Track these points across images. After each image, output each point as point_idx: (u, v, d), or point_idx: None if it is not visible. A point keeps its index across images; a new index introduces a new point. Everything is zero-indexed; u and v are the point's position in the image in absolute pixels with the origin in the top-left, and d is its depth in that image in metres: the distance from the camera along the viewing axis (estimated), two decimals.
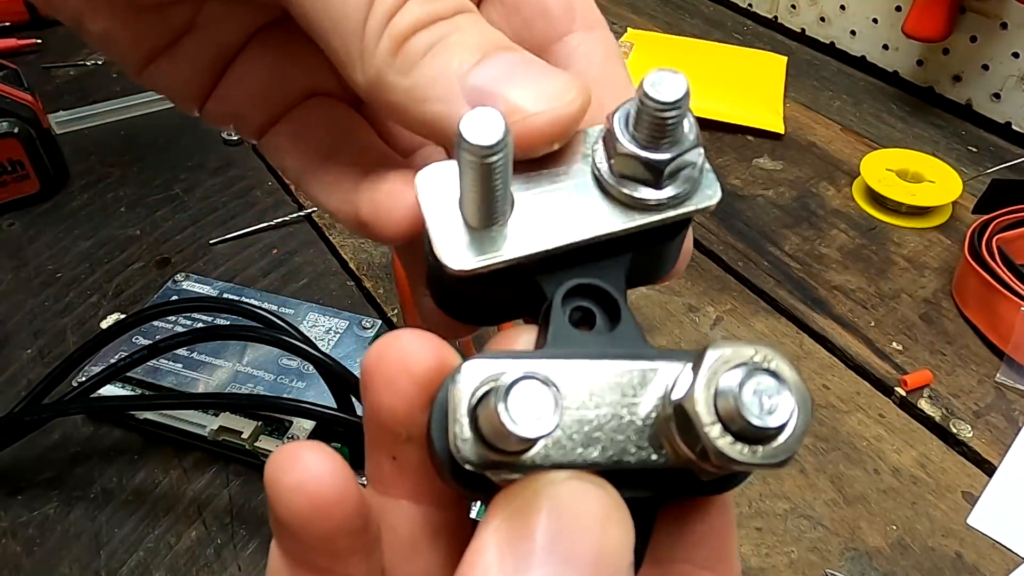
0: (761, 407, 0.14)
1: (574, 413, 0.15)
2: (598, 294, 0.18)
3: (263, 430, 0.43)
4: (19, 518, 0.42)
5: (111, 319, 0.53)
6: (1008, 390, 0.50)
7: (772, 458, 0.14)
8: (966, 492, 0.44)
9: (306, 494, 0.15)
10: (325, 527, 0.15)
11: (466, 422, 0.14)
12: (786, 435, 0.14)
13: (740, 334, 0.54)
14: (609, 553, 0.14)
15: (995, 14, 0.72)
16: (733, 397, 0.14)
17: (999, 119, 0.75)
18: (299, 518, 0.15)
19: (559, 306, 0.17)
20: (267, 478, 0.15)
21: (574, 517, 0.14)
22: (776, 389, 0.14)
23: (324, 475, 0.15)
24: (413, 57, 0.18)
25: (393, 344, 0.17)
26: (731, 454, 0.14)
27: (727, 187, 0.68)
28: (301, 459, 0.15)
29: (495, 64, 0.18)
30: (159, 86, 0.23)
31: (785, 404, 0.14)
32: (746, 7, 0.96)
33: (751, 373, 0.14)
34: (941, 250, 0.61)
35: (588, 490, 0.14)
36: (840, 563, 0.41)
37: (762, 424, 0.13)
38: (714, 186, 0.18)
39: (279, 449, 0.16)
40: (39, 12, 0.90)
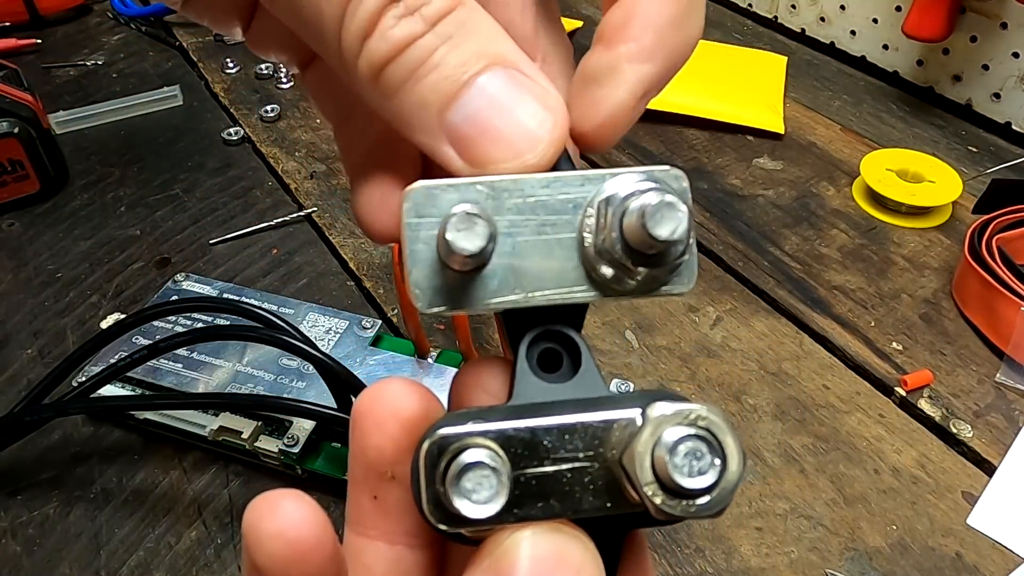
0: (691, 469, 0.15)
1: (533, 470, 0.16)
2: (562, 338, 0.19)
3: (263, 430, 0.44)
4: (19, 518, 0.42)
5: (111, 319, 0.53)
6: (1008, 390, 0.50)
7: (704, 511, 0.15)
8: (966, 492, 0.44)
9: (286, 541, 0.16)
10: (303, 572, 0.16)
11: (436, 488, 0.16)
12: (714, 495, 0.15)
13: (740, 334, 0.54)
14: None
15: (995, 14, 0.72)
16: (666, 461, 0.15)
17: (999, 119, 0.75)
18: (279, 564, 0.16)
19: (524, 355, 0.18)
20: (246, 525, 0.16)
21: (551, 570, 0.15)
22: (707, 452, 0.15)
23: (303, 522, 0.16)
24: (393, 85, 0.18)
25: (385, 390, 0.18)
26: (666, 509, 0.15)
27: (727, 187, 0.68)
28: (281, 506, 0.16)
29: (476, 96, 0.17)
30: (201, 11, 0.23)
31: (714, 467, 0.15)
32: (746, 7, 0.96)
33: (687, 437, 0.15)
34: (941, 250, 0.61)
35: (566, 543, 0.15)
36: (840, 563, 0.41)
37: (690, 486, 0.15)
38: (692, 276, 0.18)
39: (258, 497, 0.16)
40: None
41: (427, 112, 0.18)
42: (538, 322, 0.19)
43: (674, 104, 0.75)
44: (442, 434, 0.16)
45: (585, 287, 0.18)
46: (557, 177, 0.18)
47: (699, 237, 0.63)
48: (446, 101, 0.17)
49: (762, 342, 0.54)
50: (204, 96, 0.80)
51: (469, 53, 0.17)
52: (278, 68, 0.82)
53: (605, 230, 0.17)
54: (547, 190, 0.17)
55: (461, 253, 0.16)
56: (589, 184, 0.18)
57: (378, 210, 0.21)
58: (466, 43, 0.17)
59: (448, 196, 0.17)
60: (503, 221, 0.17)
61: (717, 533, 0.42)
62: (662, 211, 0.16)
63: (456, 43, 0.17)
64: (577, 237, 0.18)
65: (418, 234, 0.17)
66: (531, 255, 0.18)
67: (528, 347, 0.18)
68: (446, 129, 0.18)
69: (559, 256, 0.18)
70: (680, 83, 0.78)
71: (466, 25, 0.18)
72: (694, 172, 0.69)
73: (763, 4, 0.94)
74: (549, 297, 0.18)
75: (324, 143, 0.73)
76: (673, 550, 0.42)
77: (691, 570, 0.41)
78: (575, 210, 0.18)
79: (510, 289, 0.17)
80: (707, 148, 0.73)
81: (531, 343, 0.19)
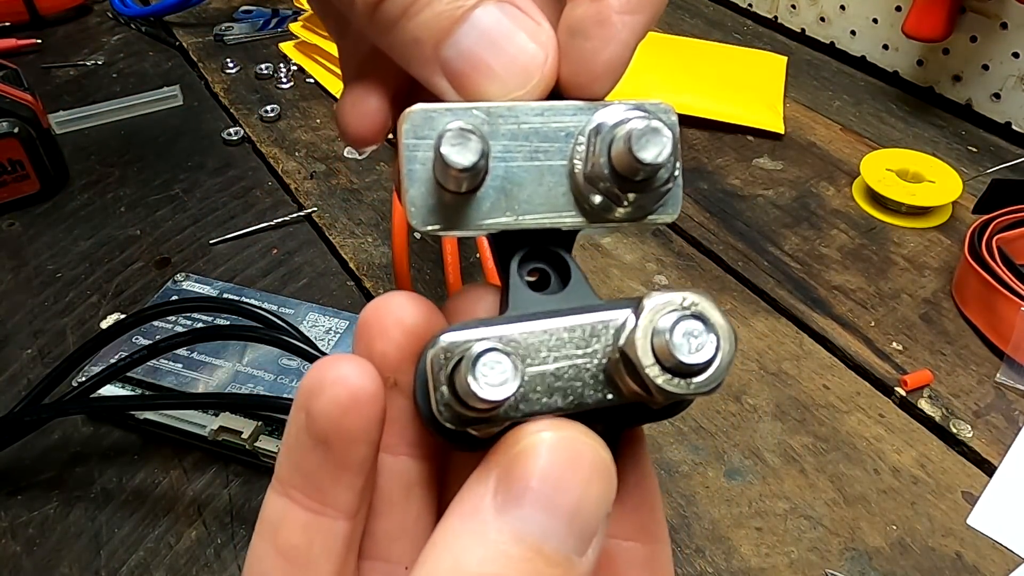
0: (690, 347, 0.16)
1: (536, 368, 0.17)
2: (550, 256, 0.20)
3: (263, 430, 0.43)
4: (19, 518, 0.42)
5: (111, 319, 0.53)
6: (1008, 390, 0.50)
7: (704, 387, 0.16)
8: (966, 492, 0.44)
9: (347, 387, 0.17)
10: (357, 423, 0.17)
11: (445, 388, 0.16)
12: (713, 368, 0.16)
13: (740, 334, 0.54)
14: (589, 507, 0.16)
15: (995, 14, 0.72)
16: (666, 340, 0.16)
17: (999, 119, 0.75)
18: (337, 409, 0.17)
19: (515, 271, 0.19)
20: (308, 377, 0.17)
21: (567, 469, 0.16)
22: (703, 330, 0.16)
23: (365, 375, 0.17)
24: (388, 20, 0.18)
25: (389, 300, 0.19)
26: (668, 387, 0.16)
27: (727, 187, 0.68)
28: (342, 362, 0.17)
29: (469, 31, 0.18)
30: None
31: (710, 342, 0.16)
32: (746, 7, 0.96)
33: (681, 318, 0.16)
34: (941, 250, 0.61)
35: (584, 443, 0.16)
36: (840, 563, 0.41)
37: (691, 361, 0.16)
38: (676, 205, 0.19)
39: (317, 362, 0.18)
40: None
41: (422, 47, 0.18)
42: (528, 244, 0.19)
43: (674, 104, 0.75)
44: (449, 338, 0.17)
45: (574, 213, 0.19)
46: (551, 106, 0.18)
47: (699, 237, 0.63)
48: (441, 36, 0.18)
49: (762, 342, 0.54)
50: (204, 96, 0.80)
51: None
52: (278, 68, 0.82)
53: (594, 157, 0.18)
54: (540, 118, 0.18)
55: (455, 167, 0.16)
56: (581, 114, 0.18)
57: (353, 111, 0.21)
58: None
59: (445, 119, 0.17)
60: (497, 146, 0.18)
61: (717, 533, 0.42)
62: (648, 135, 0.17)
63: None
64: (568, 165, 0.18)
65: (416, 154, 0.18)
66: (523, 180, 0.18)
67: (519, 264, 0.19)
68: (441, 63, 0.18)
69: (550, 182, 0.18)
70: (680, 83, 0.78)
71: None
72: (694, 172, 0.69)
73: (763, 4, 0.94)
74: (539, 221, 0.18)
75: (324, 143, 0.73)
76: (673, 550, 0.42)
77: (691, 570, 0.41)
78: (567, 139, 0.18)
79: (501, 211, 0.18)
80: (707, 148, 0.73)
81: (521, 261, 0.19)
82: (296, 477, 0.18)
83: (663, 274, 0.59)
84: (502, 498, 0.15)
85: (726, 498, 0.44)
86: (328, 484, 0.18)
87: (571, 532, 0.15)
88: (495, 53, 0.18)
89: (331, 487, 0.18)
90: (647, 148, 0.17)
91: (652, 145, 0.17)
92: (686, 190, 0.67)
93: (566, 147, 0.18)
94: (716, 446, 0.47)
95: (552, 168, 0.18)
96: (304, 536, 0.18)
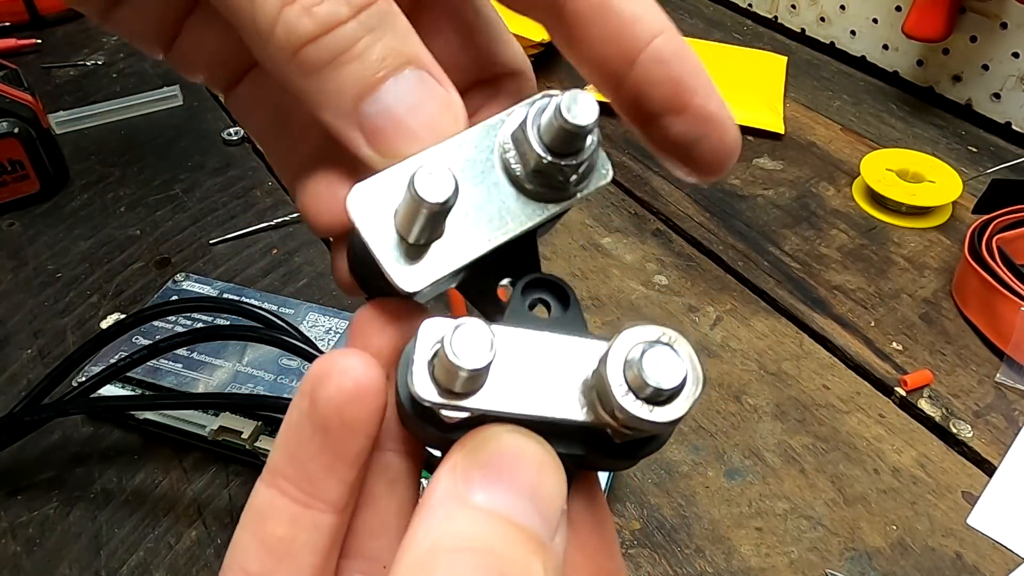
0: (658, 372, 0.17)
1: (516, 371, 0.18)
2: (551, 287, 0.20)
3: (263, 430, 0.43)
4: (19, 518, 0.42)
5: (111, 319, 0.53)
6: (1008, 390, 0.50)
7: (664, 417, 0.17)
8: (966, 492, 0.44)
9: (354, 377, 0.18)
10: (360, 414, 0.18)
11: (424, 367, 0.17)
12: (678, 401, 0.17)
13: (740, 334, 0.54)
14: (545, 488, 0.17)
15: (995, 14, 0.72)
16: (636, 364, 0.17)
17: (999, 119, 0.75)
18: (342, 398, 0.18)
19: (519, 294, 0.20)
20: (314, 368, 0.18)
21: (515, 457, 0.17)
22: (672, 361, 0.17)
23: (371, 369, 0.18)
24: (312, 65, 0.18)
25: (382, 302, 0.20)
26: (631, 409, 0.17)
27: (727, 187, 0.68)
28: (351, 354, 0.18)
29: (392, 90, 0.18)
30: (122, 29, 0.23)
31: (677, 373, 0.17)
32: (746, 7, 0.96)
33: (653, 346, 0.17)
34: (941, 250, 0.61)
35: (528, 440, 0.17)
36: (840, 563, 0.41)
37: (656, 385, 0.17)
38: (607, 164, 0.21)
39: (326, 354, 0.18)
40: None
41: (342, 98, 0.18)
42: (504, 269, 0.20)
43: None
44: (435, 320, 0.18)
45: (532, 209, 0.20)
46: (462, 138, 0.19)
47: (699, 237, 0.63)
48: (364, 91, 0.18)
49: (762, 342, 0.54)
50: (204, 96, 0.80)
51: (389, 49, 0.18)
52: None
53: (528, 150, 0.19)
54: (462, 149, 0.19)
55: (435, 202, 0.17)
56: (491, 130, 0.19)
57: (323, 202, 0.21)
58: (386, 38, 0.18)
59: (388, 186, 0.18)
60: None
61: (717, 533, 0.42)
62: (574, 101, 0.18)
63: (378, 36, 0.18)
64: (505, 174, 0.19)
65: (375, 226, 0.18)
66: (477, 204, 0.19)
67: (522, 291, 0.20)
68: (360, 117, 0.18)
69: (499, 195, 0.19)
70: None
71: (386, 19, 0.18)
72: None
73: (763, 4, 0.94)
74: (508, 232, 0.19)
75: None
76: (673, 550, 0.42)
77: (691, 570, 0.41)
78: (491, 153, 0.19)
79: (474, 240, 0.19)
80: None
81: (524, 289, 0.20)
82: (289, 467, 0.18)
83: (663, 274, 0.59)
84: (463, 485, 0.17)
85: (726, 498, 0.44)
86: (321, 475, 0.18)
87: (536, 510, 0.17)
88: (414, 115, 0.18)
89: (323, 478, 0.18)
90: (578, 113, 0.18)
91: (582, 108, 0.18)
92: (686, 189, 0.67)
93: (494, 160, 0.19)
94: (716, 446, 0.47)
95: (496, 183, 0.19)
96: (290, 528, 0.18)
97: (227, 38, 0.23)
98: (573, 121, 0.18)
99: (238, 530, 0.19)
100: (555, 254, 0.60)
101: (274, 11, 0.17)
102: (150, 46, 0.24)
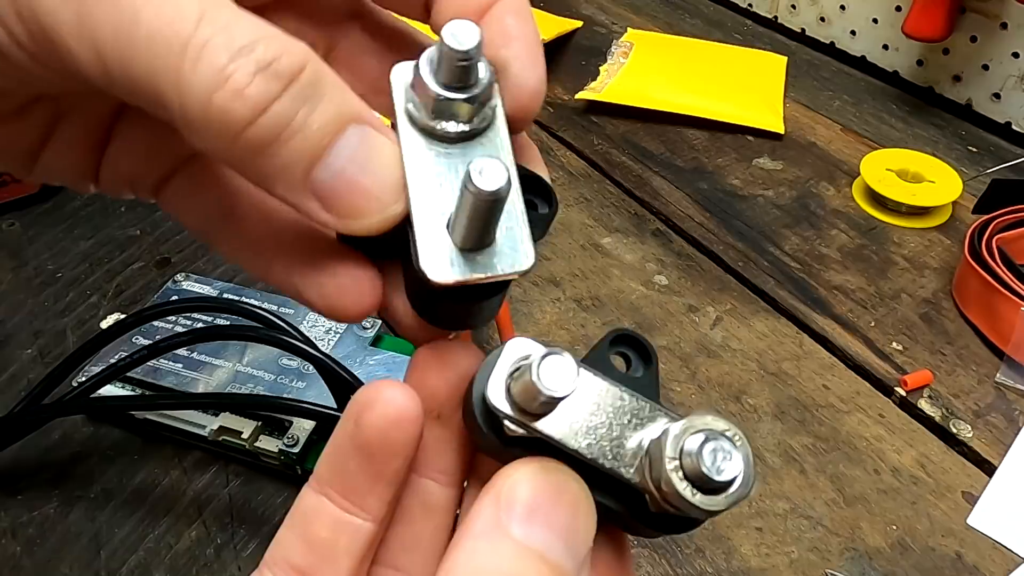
0: (714, 461, 0.18)
1: (585, 412, 0.19)
2: (639, 346, 0.21)
3: (263, 430, 0.43)
4: (19, 518, 0.42)
5: (111, 319, 0.53)
6: (1008, 390, 0.50)
7: (703, 503, 0.18)
8: (966, 492, 0.44)
9: (396, 407, 0.20)
10: (399, 439, 0.20)
11: (503, 378, 0.19)
12: (723, 495, 0.18)
13: (740, 334, 0.54)
14: (578, 529, 0.18)
15: (995, 14, 0.72)
16: (697, 447, 0.18)
17: (999, 119, 0.75)
18: (385, 424, 0.20)
19: (607, 343, 0.21)
20: (360, 395, 0.20)
21: (556, 495, 0.18)
22: (731, 457, 0.18)
23: (411, 400, 0.20)
24: (254, 147, 0.17)
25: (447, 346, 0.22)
26: (676, 485, 0.18)
27: (727, 187, 0.68)
28: (394, 386, 0.20)
29: (340, 153, 0.18)
30: (51, 176, 0.23)
31: (731, 469, 0.18)
32: (746, 7, 0.96)
33: (718, 437, 0.18)
34: (941, 250, 0.61)
35: (568, 480, 0.19)
36: (840, 563, 0.41)
37: (707, 473, 0.18)
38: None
39: (372, 382, 0.20)
40: None
41: (292, 171, 0.18)
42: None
43: (674, 104, 0.75)
44: (520, 340, 0.19)
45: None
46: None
47: (699, 237, 0.63)
48: (311, 161, 0.18)
49: (762, 342, 0.54)
50: None
51: (328, 114, 0.18)
52: None
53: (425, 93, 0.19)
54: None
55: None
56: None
57: (349, 296, 0.21)
58: (323, 104, 0.18)
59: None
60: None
61: (717, 533, 0.42)
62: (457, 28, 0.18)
63: (314, 104, 0.17)
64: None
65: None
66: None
67: (609, 345, 0.21)
68: (312, 187, 0.18)
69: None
70: (680, 83, 0.78)
71: (319, 85, 0.18)
72: (694, 172, 0.69)
73: (763, 4, 0.94)
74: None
75: None
76: (673, 550, 0.42)
77: (691, 570, 0.41)
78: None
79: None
80: (707, 148, 0.73)
81: (612, 343, 0.21)
82: (335, 478, 0.20)
83: (663, 274, 0.59)
84: (505, 517, 0.18)
85: None
86: (363, 489, 0.20)
87: (567, 547, 0.18)
88: (366, 173, 0.18)
89: (365, 492, 0.20)
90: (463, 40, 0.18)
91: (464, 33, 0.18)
92: (687, 190, 0.67)
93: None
94: None
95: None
96: (333, 531, 0.20)
97: (152, 142, 0.23)
98: (455, 47, 0.18)
99: (283, 529, 0.21)
100: (555, 254, 0.60)
101: (204, 99, 0.17)
102: (79, 182, 0.24)
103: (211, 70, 0.16)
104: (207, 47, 0.16)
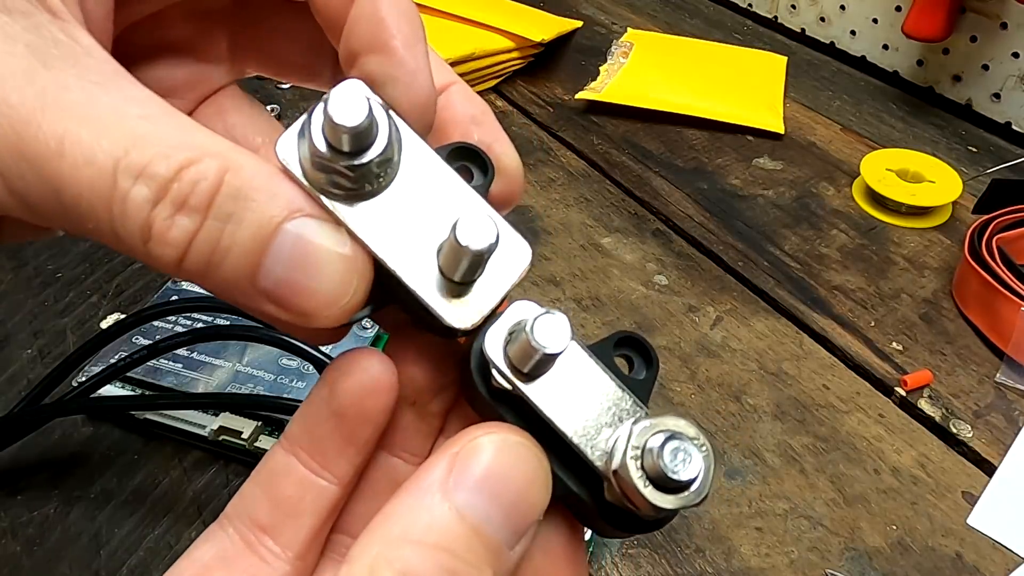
0: (673, 460, 0.18)
1: (571, 389, 0.20)
2: (643, 351, 0.22)
3: (263, 430, 0.43)
4: (19, 518, 0.42)
5: (111, 319, 0.53)
6: (1008, 390, 0.50)
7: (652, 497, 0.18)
8: (966, 492, 0.44)
9: (372, 375, 0.20)
10: (372, 406, 0.20)
11: (501, 332, 0.20)
12: (673, 496, 0.18)
13: (740, 334, 0.54)
14: (526, 506, 0.18)
15: (995, 14, 0.72)
16: (660, 445, 0.18)
17: (999, 119, 0.75)
18: (360, 390, 0.20)
19: (612, 343, 0.22)
20: (337, 361, 0.20)
21: (508, 470, 0.18)
22: (692, 462, 0.18)
23: (387, 370, 0.20)
24: (194, 274, 0.18)
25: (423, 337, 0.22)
26: (632, 473, 0.18)
27: (727, 187, 0.68)
28: (371, 355, 0.20)
29: (277, 259, 0.18)
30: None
31: (688, 473, 0.18)
32: (746, 7, 0.96)
33: (686, 440, 0.19)
34: (941, 250, 0.61)
35: (530, 453, 0.19)
36: (840, 563, 0.41)
37: (663, 469, 0.18)
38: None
39: (350, 350, 0.20)
40: None
41: (238, 285, 0.18)
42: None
43: (674, 104, 0.75)
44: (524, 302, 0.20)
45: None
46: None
47: (699, 237, 0.63)
48: (251, 272, 0.18)
49: (762, 342, 0.54)
50: None
51: (254, 225, 0.17)
52: None
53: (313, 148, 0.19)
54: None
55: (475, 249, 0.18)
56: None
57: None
58: (248, 214, 0.17)
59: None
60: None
61: (717, 533, 0.42)
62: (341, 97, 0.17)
63: (240, 218, 0.17)
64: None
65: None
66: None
67: (614, 347, 0.22)
68: (262, 293, 0.18)
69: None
70: (680, 83, 0.78)
71: (239, 195, 0.17)
72: (694, 172, 0.69)
73: (763, 4, 0.94)
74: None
75: None
76: (673, 550, 0.42)
77: (691, 570, 0.41)
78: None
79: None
80: (707, 148, 0.73)
81: (616, 345, 0.22)
82: (306, 439, 0.20)
83: (663, 274, 0.59)
84: (453, 481, 0.18)
85: (726, 498, 0.44)
86: (333, 452, 0.20)
87: (507, 523, 0.18)
88: (308, 275, 0.18)
89: (335, 456, 0.20)
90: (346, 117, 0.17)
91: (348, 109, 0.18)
92: (687, 189, 0.67)
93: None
94: (716, 446, 0.47)
95: None
96: (298, 490, 0.20)
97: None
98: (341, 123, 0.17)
99: (248, 484, 0.21)
100: (555, 254, 0.60)
101: (140, 248, 0.17)
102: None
103: (136, 226, 0.17)
104: (127, 202, 0.17)
